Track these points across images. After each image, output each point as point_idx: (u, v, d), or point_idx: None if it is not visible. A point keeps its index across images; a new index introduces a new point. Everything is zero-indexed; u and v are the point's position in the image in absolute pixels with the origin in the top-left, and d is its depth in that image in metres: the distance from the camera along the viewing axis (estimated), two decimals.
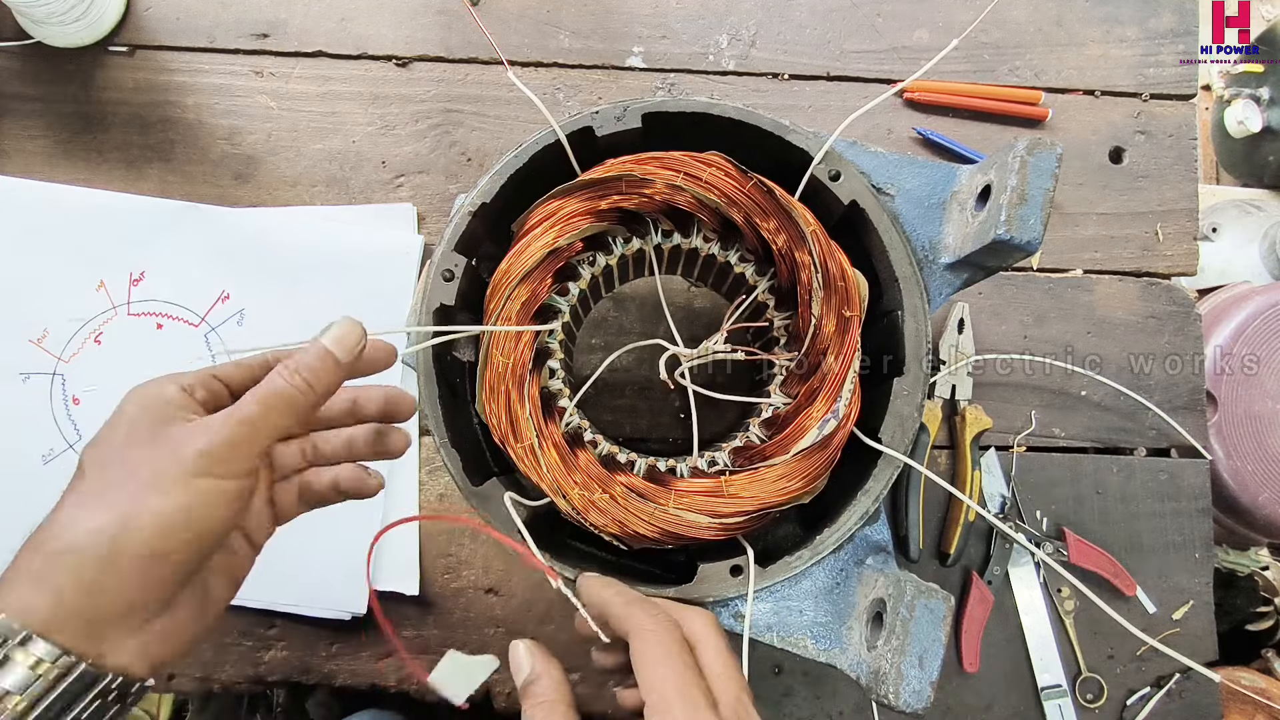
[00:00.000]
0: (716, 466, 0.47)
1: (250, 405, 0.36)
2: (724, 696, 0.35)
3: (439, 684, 0.40)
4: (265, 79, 0.71)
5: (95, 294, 0.67)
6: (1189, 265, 0.71)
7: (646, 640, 0.37)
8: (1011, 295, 0.70)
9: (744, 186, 0.46)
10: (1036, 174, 0.41)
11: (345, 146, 0.70)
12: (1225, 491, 0.81)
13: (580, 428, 0.48)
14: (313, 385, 0.38)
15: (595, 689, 0.64)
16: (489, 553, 0.66)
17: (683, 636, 0.38)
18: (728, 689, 0.36)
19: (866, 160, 0.48)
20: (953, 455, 0.68)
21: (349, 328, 0.39)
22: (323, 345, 0.38)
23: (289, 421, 0.37)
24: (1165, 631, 0.66)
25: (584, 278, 0.49)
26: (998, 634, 0.66)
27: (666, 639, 0.37)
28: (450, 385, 0.48)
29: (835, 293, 0.46)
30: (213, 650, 0.64)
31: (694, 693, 0.34)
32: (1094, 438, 0.69)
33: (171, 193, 0.69)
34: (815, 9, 0.73)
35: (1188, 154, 0.72)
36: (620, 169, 0.46)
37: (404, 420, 0.45)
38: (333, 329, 0.39)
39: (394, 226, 0.69)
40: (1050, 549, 0.66)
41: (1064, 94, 0.73)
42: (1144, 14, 0.74)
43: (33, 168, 0.69)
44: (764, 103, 0.72)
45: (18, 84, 0.70)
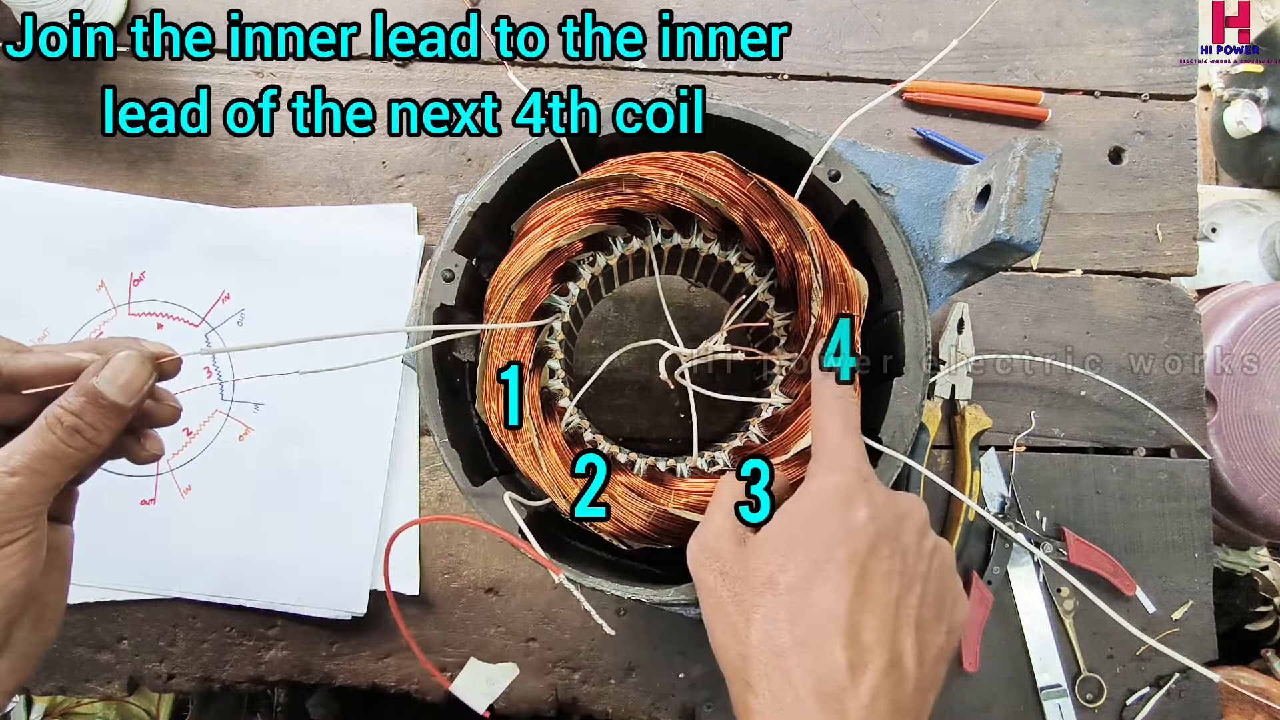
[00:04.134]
0: (716, 466, 0.48)
1: (22, 474, 0.32)
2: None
3: (461, 692, 0.40)
4: (265, 79, 0.71)
5: (96, 294, 0.67)
6: (1189, 265, 0.71)
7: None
8: (1011, 295, 0.70)
9: (744, 186, 0.46)
10: (1036, 174, 0.41)
11: (345, 146, 0.70)
12: (1225, 491, 0.81)
13: (580, 428, 0.48)
14: (94, 441, 0.34)
15: (596, 688, 0.64)
16: (489, 553, 0.66)
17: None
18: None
19: (866, 160, 0.48)
20: (952, 455, 0.68)
21: (131, 365, 0.34)
22: (96, 390, 0.33)
23: (67, 478, 0.34)
24: (1165, 631, 0.66)
25: (584, 278, 0.49)
26: (997, 634, 0.66)
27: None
28: (450, 385, 0.48)
29: (835, 293, 0.46)
30: (213, 650, 0.65)
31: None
32: (1094, 438, 0.69)
33: (172, 193, 0.69)
34: (815, 9, 0.73)
35: (1187, 154, 0.72)
36: (620, 169, 0.46)
37: (166, 425, 0.39)
38: (111, 366, 0.34)
39: (394, 226, 0.69)
40: (1050, 549, 0.66)
41: (1064, 94, 0.73)
42: (1144, 14, 0.74)
43: (33, 168, 0.69)
44: (764, 103, 0.72)
45: (18, 84, 0.70)
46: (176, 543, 0.64)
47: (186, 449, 0.65)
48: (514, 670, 0.43)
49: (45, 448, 0.33)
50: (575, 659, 0.65)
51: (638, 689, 0.65)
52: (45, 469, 0.33)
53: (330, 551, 0.64)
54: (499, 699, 0.63)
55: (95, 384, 0.34)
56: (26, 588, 0.34)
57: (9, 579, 0.33)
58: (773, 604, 0.34)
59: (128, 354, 0.34)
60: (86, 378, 0.34)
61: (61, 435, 0.33)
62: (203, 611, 0.65)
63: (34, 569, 0.34)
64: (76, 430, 0.33)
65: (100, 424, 0.34)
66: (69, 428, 0.33)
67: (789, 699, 0.32)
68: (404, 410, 0.67)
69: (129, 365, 0.34)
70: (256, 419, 0.66)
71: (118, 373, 0.34)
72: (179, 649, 0.65)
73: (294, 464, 0.65)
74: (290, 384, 0.65)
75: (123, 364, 0.34)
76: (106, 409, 0.34)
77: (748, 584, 0.35)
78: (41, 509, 0.34)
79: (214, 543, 0.64)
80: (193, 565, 0.64)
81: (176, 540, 0.64)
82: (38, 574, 0.35)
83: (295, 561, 0.64)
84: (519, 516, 0.43)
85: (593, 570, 0.45)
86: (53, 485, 0.34)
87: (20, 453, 0.33)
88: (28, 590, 0.34)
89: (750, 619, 0.34)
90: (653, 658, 0.65)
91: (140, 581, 0.64)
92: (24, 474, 0.32)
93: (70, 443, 0.33)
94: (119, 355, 0.34)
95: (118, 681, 0.64)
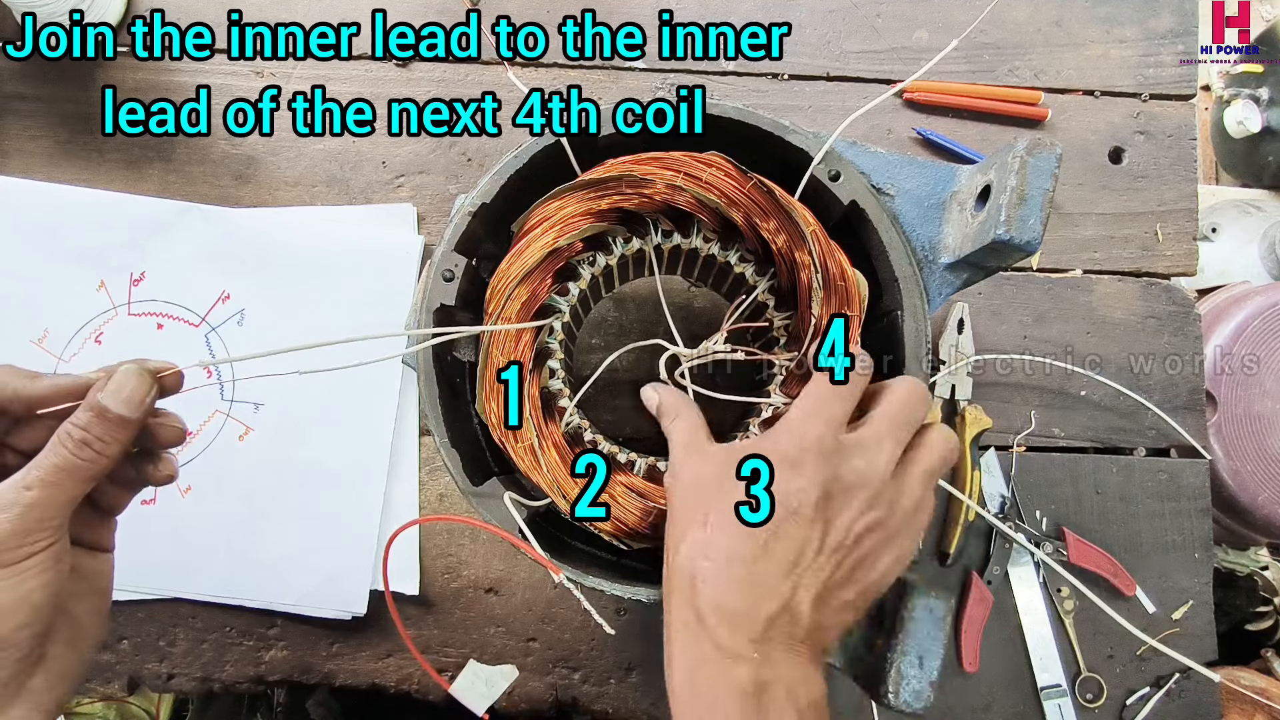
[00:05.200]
0: None
1: (38, 488, 0.34)
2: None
3: (460, 695, 0.41)
4: (265, 79, 0.71)
5: (96, 294, 0.67)
6: (1189, 265, 0.71)
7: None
8: (1011, 295, 0.70)
9: (744, 186, 0.46)
10: (1036, 174, 0.41)
11: (345, 146, 0.70)
12: (1225, 491, 0.81)
13: (580, 428, 0.48)
14: (103, 453, 0.36)
15: (596, 687, 0.64)
16: (489, 553, 0.66)
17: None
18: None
19: (866, 160, 0.48)
20: None
21: (132, 378, 0.36)
22: (102, 404, 0.36)
23: (83, 491, 0.36)
24: (1165, 631, 0.66)
25: (584, 278, 0.49)
26: (997, 634, 0.66)
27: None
28: (450, 385, 0.48)
29: (835, 293, 0.46)
30: (213, 650, 0.65)
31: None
32: (1094, 438, 0.69)
33: (172, 193, 0.69)
34: (815, 9, 0.73)
35: (1187, 154, 0.72)
36: (620, 169, 0.46)
37: (172, 446, 0.41)
38: (114, 381, 0.36)
39: (394, 226, 0.69)
40: (1050, 549, 0.66)
41: (1064, 94, 0.73)
42: (1144, 14, 0.74)
43: (33, 168, 0.69)
44: (764, 103, 0.72)
45: (18, 84, 0.70)
46: (176, 543, 0.64)
47: (186, 449, 0.65)
48: (513, 672, 0.43)
49: (58, 461, 0.35)
50: (575, 659, 0.65)
51: (638, 689, 0.65)
52: (59, 481, 0.35)
53: (330, 551, 0.64)
54: (499, 699, 0.63)
55: (100, 399, 0.36)
56: (50, 601, 0.35)
57: (29, 590, 0.34)
58: (699, 536, 0.38)
59: (128, 368, 0.37)
60: (92, 394, 0.36)
61: (72, 449, 0.35)
62: (203, 611, 0.65)
63: (57, 583, 0.35)
64: (85, 443, 0.35)
65: (107, 436, 0.36)
66: (78, 441, 0.35)
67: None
68: (404, 410, 0.67)
69: (130, 379, 0.37)
70: (256, 419, 0.66)
71: (120, 387, 0.36)
72: (179, 649, 0.65)
73: (294, 464, 0.65)
74: (290, 384, 0.65)
75: (124, 379, 0.37)
76: (112, 421, 0.36)
77: (686, 510, 0.40)
78: (60, 522, 0.35)
79: (214, 543, 0.64)
80: (193, 565, 0.64)
81: (176, 540, 0.64)
82: (63, 589, 0.36)
83: (295, 561, 0.64)
84: (519, 516, 0.43)
85: (593, 570, 0.45)
86: (68, 499, 0.35)
87: (36, 468, 0.35)
88: (52, 604, 0.35)
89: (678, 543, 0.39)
90: (653, 658, 0.65)
91: (140, 581, 0.64)
92: (39, 487, 0.34)
93: (80, 455, 0.35)
94: (120, 370, 0.37)
95: (118, 681, 0.64)
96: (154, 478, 0.41)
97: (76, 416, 0.36)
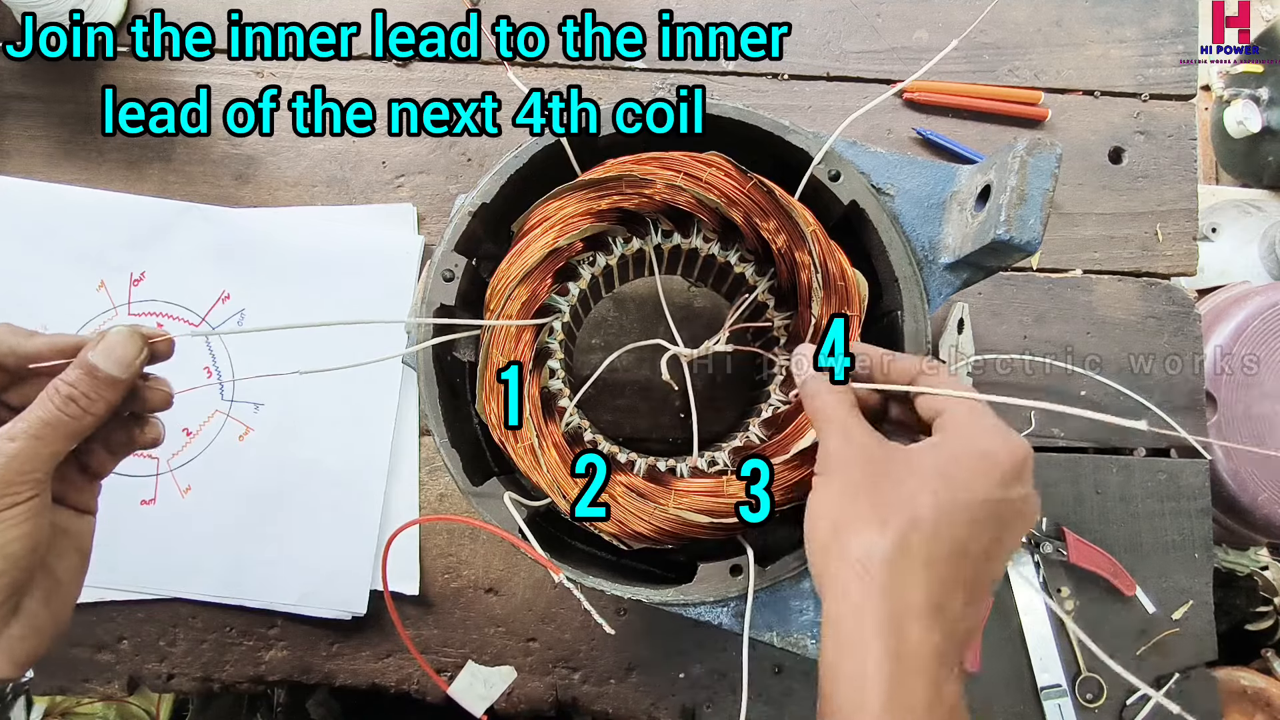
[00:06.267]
0: (716, 466, 0.47)
1: (22, 439, 0.35)
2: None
3: (458, 696, 0.41)
4: (265, 79, 0.71)
5: (96, 294, 0.67)
6: (1189, 265, 0.71)
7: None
8: (1011, 295, 0.70)
9: (744, 186, 0.46)
10: (1036, 174, 0.41)
11: (345, 146, 0.70)
12: (1225, 491, 0.81)
13: (580, 428, 0.48)
14: (88, 410, 0.36)
15: (596, 687, 0.64)
16: (489, 553, 0.66)
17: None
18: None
19: (866, 160, 0.48)
20: None
21: (123, 340, 0.37)
22: (92, 363, 0.36)
23: (67, 446, 0.37)
24: (1165, 631, 0.66)
25: (584, 278, 0.49)
26: (997, 634, 0.66)
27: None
28: (450, 385, 0.48)
29: (835, 293, 0.46)
30: (213, 650, 0.65)
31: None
32: (1094, 438, 0.69)
33: (172, 193, 0.69)
34: (815, 9, 0.73)
35: (1187, 154, 0.72)
36: (620, 169, 0.46)
37: (160, 411, 0.42)
38: (106, 342, 0.37)
39: (394, 226, 0.69)
40: (1050, 549, 0.66)
41: (1064, 94, 0.73)
42: (1144, 14, 0.74)
43: (33, 168, 0.69)
44: (764, 103, 0.72)
45: (18, 84, 0.70)
46: (176, 543, 0.64)
47: (186, 449, 0.65)
48: (511, 673, 0.43)
49: (44, 416, 0.36)
50: (575, 659, 0.65)
51: (638, 689, 0.65)
52: (43, 435, 0.36)
53: (330, 551, 0.64)
54: (499, 700, 0.63)
55: (90, 358, 0.37)
56: (28, 553, 0.36)
57: (8, 540, 0.35)
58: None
59: (120, 330, 0.37)
60: (84, 354, 0.37)
61: (58, 404, 0.36)
62: (203, 611, 0.65)
63: (37, 535, 0.36)
64: (72, 399, 0.36)
65: (94, 394, 0.37)
66: (65, 397, 0.36)
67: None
68: (404, 410, 0.67)
69: (121, 340, 0.37)
70: (256, 419, 0.66)
71: (111, 348, 0.37)
72: (179, 649, 0.65)
73: (294, 464, 0.65)
74: (290, 384, 0.65)
75: (115, 339, 0.37)
76: (101, 380, 0.37)
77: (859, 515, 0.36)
78: (41, 476, 0.36)
79: (214, 543, 0.64)
80: (193, 565, 0.64)
81: (176, 540, 0.64)
82: (43, 543, 0.37)
83: (295, 561, 0.64)
84: (519, 516, 0.43)
85: (593, 570, 0.45)
86: (51, 453, 0.36)
87: (22, 420, 0.36)
88: (30, 557, 0.36)
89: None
90: (653, 658, 0.65)
91: (140, 581, 0.64)
92: (23, 439, 0.35)
93: (66, 410, 0.36)
94: (113, 331, 0.37)
95: (118, 681, 0.64)
96: (140, 440, 0.41)
97: (66, 374, 0.36)
